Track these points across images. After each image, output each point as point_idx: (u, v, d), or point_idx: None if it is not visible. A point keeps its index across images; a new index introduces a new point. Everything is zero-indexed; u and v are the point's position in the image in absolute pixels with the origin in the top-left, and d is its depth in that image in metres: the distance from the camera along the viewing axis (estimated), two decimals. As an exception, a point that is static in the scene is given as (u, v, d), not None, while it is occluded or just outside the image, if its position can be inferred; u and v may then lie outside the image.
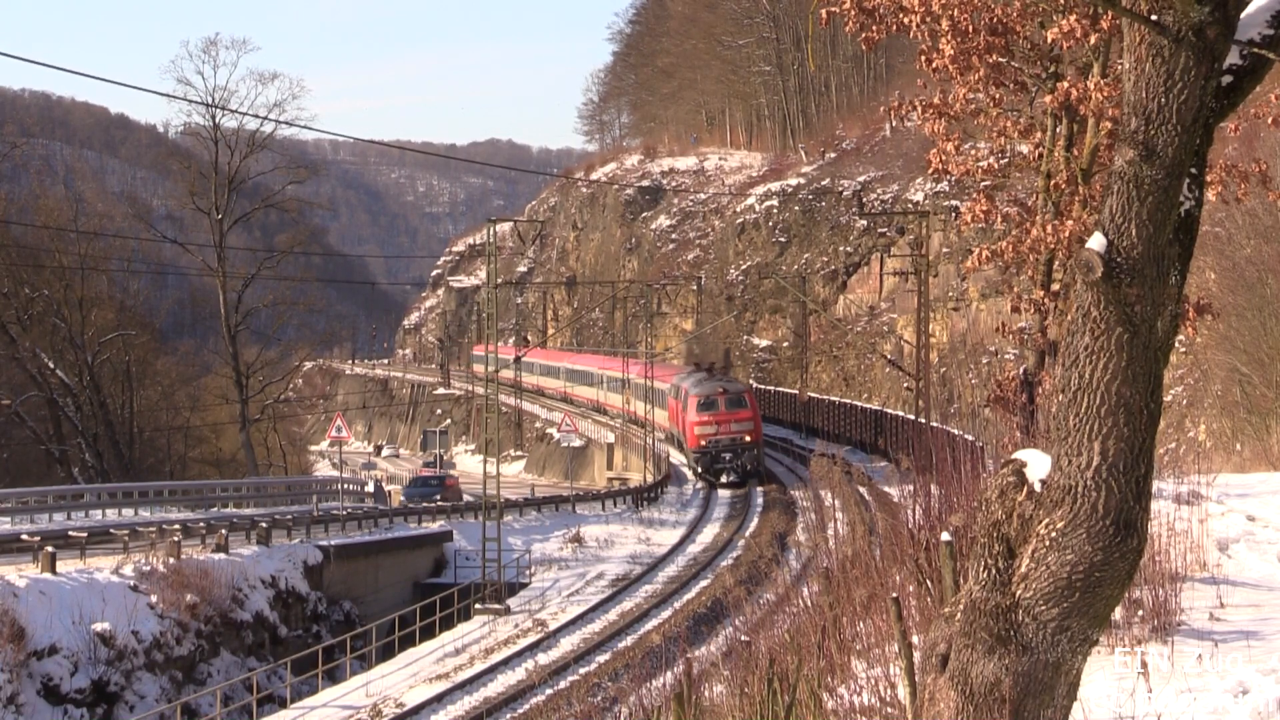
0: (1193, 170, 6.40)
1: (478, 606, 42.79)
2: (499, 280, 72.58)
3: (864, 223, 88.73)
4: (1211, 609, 12.15)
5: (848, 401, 74.62)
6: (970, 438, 17.16)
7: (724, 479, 63.95)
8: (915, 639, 9.27)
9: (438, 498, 63.67)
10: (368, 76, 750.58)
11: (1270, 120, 16.20)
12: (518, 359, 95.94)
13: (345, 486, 67.85)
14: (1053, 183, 18.06)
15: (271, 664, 37.96)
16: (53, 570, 33.54)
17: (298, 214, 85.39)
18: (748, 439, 63.99)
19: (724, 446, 64.09)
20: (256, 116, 72.67)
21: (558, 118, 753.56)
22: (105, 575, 34.98)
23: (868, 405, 71.38)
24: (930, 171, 18.04)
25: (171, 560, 37.30)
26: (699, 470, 66.18)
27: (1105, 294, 6.30)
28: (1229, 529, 15.79)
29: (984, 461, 14.37)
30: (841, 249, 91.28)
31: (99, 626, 32.93)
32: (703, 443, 64.93)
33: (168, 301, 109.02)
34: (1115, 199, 6.35)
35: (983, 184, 18.24)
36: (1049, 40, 16.02)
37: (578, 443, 78.39)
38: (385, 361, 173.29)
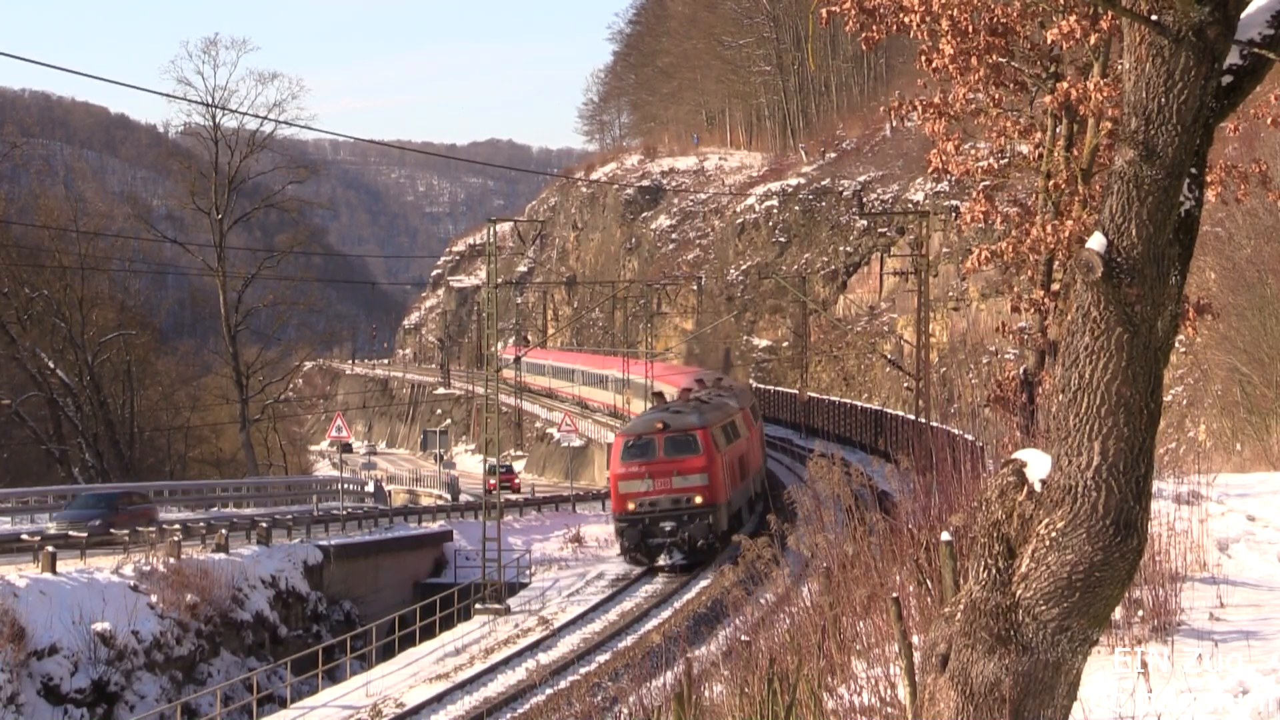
0: (1193, 170, 6.40)
1: (478, 606, 42.80)
2: (499, 280, 72.58)
3: (864, 223, 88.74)
4: (1211, 609, 12.15)
5: (848, 401, 74.58)
6: (970, 438, 17.15)
7: (662, 561, 43.35)
8: (915, 639, 9.27)
9: (97, 522, 41.65)
10: (368, 76, 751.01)
11: (1270, 120, 16.21)
12: (517, 359, 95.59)
13: (345, 486, 67.87)
14: (1053, 183, 18.07)
15: (271, 664, 37.98)
16: (53, 570, 33.55)
17: (298, 214, 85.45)
18: (698, 501, 42.81)
19: (662, 512, 42.96)
20: (256, 116, 72.80)
21: (558, 118, 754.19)
22: (105, 575, 35.00)
23: (868, 405, 71.34)
24: (930, 171, 18.05)
25: (171, 560, 37.32)
26: (626, 546, 44.24)
27: (1105, 294, 6.30)
28: (1229, 529, 15.78)
29: (984, 461, 14.37)
30: (841, 249, 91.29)
31: (99, 626, 32.94)
32: (630, 506, 43.17)
33: (168, 301, 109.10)
34: (1115, 199, 6.35)
35: (982, 184, 18.25)
36: (1049, 40, 16.03)
37: (578, 443, 78.36)
38: (385, 361, 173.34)
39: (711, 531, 42.88)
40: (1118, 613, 10.59)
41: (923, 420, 45.85)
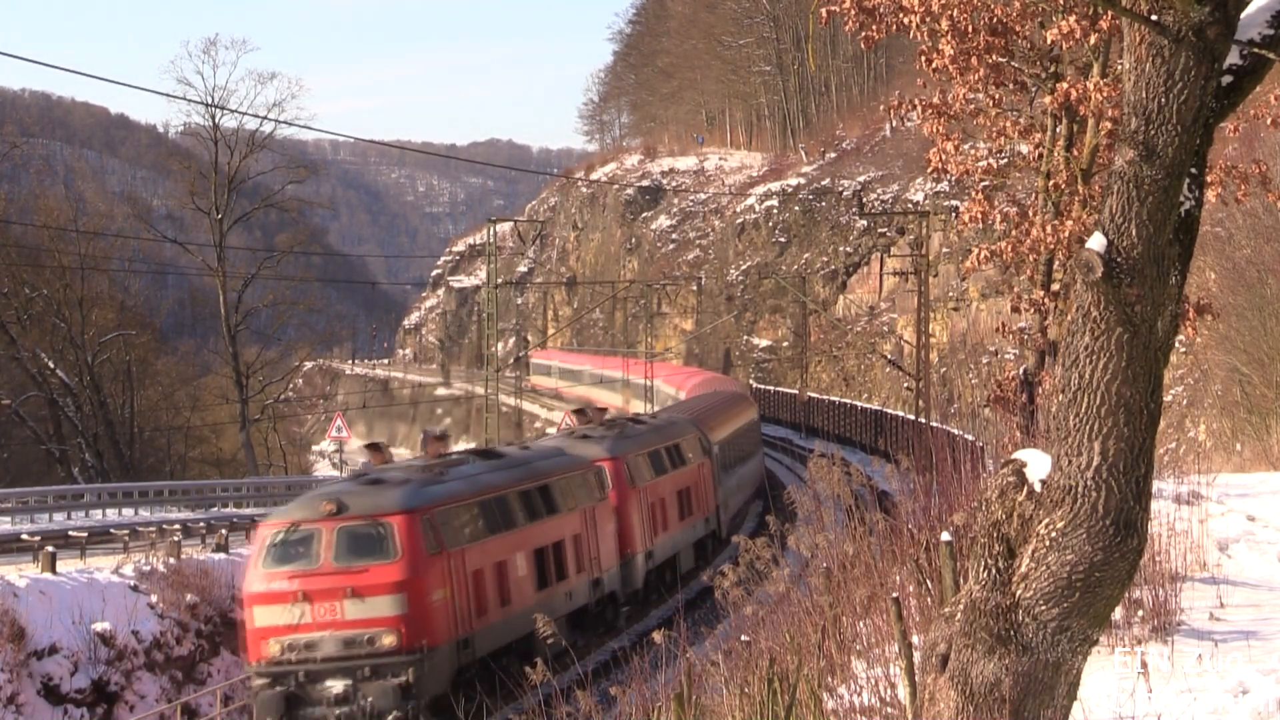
0: (1193, 170, 6.40)
1: (477, 606, 42.54)
2: (499, 280, 72.56)
3: (864, 223, 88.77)
4: (1211, 609, 12.15)
5: (848, 401, 74.63)
6: (970, 438, 17.16)
7: None
8: (915, 639, 9.27)
9: None
10: (368, 76, 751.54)
11: (1270, 120, 16.22)
12: (518, 358, 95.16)
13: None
14: (1053, 183, 18.07)
15: (271, 664, 37.92)
16: (53, 570, 33.54)
17: (298, 214, 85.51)
18: (388, 644, 24.05)
19: (325, 664, 24.28)
20: (256, 116, 72.79)
21: (558, 118, 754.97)
22: (105, 575, 34.97)
23: (868, 405, 71.38)
24: (930, 171, 18.05)
25: (171, 560, 37.31)
26: None
27: (1105, 294, 6.30)
28: (1229, 529, 15.80)
29: (984, 461, 14.38)
30: (841, 249, 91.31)
31: (99, 626, 32.92)
32: (272, 651, 24.69)
33: (168, 301, 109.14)
34: (1115, 199, 6.35)
35: (982, 184, 18.25)
36: (1049, 40, 16.04)
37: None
38: (385, 361, 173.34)
39: (410, 697, 23.89)
40: (1118, 613, 10.59)
41: (923, 420, 45.87)
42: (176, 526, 42.80)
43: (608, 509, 32.48)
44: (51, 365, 67.43)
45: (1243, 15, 6.27)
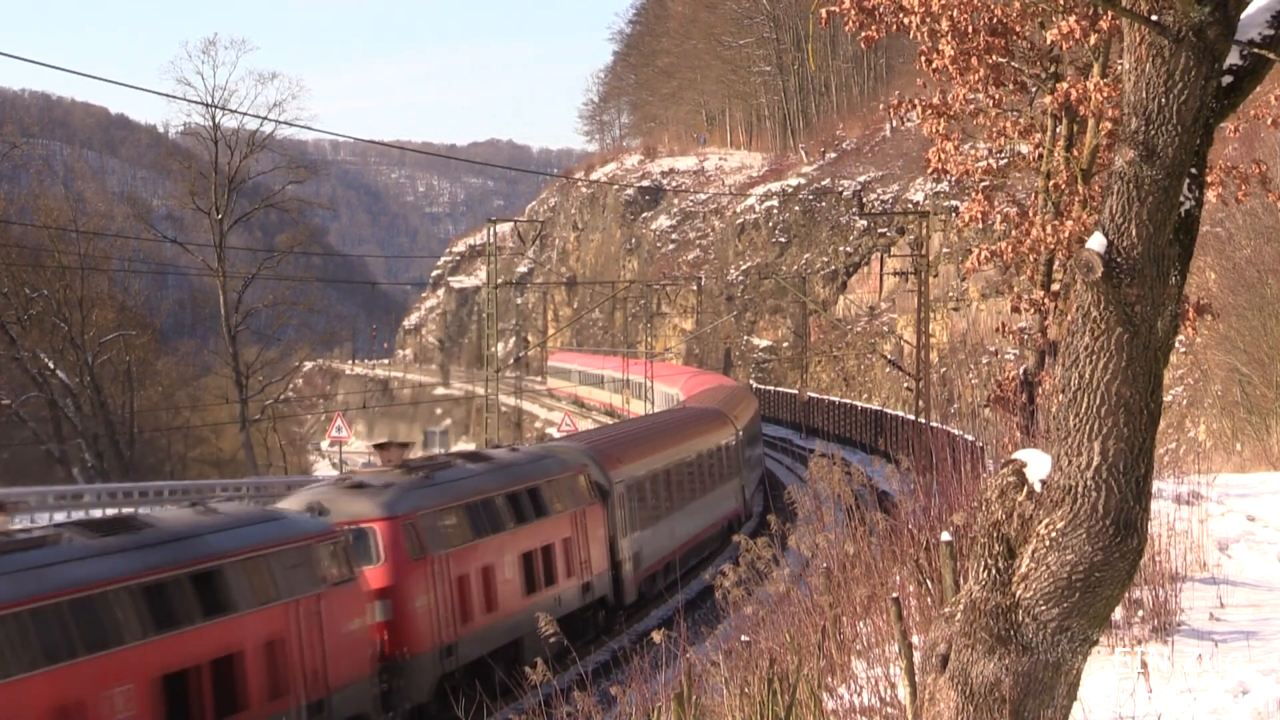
0: (1193, 170, 6.40)
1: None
2: (499, 280, 72.55)
3: (864, 223, 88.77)
4: (1211, 609, 12.16)
5: (848, 401, 74.61)
6: (970, 438, 17.16)
7: None
8: (915, 639, 9.27)
9: None
10: (368, 76, 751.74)
11: (1270, 120, 16.23)
12: (517, 359, 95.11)
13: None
14: (1053, 183, 18.07)
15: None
16: (53, 570, 33.54)
17: (298, 214, 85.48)
18: None
19: None
20: (256, 116, 72.76)
21: (558, 118, 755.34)
22: (105, 575, 34.96)
23: (868, 405, 71.36)
24: (930, 171, 18.06)
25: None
26: None
27: (1105, 294, 6.30)
28: (1229, 529, 15.80)
29: (984, 461, 14.38)
30: (841, 249, 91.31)
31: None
32: None
33: (168, 301, 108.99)
34: (1115, 199, 6.35)
35: (982, 184, 18.25)
36: (1049, 40, 16.04)
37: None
38: (385, 362, 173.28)
39: None
40: (1118, 613, 10.59)
41: (923, 420, 45.86)
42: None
43: (355, 595, 21.38)
44: (51, 365, 67.43)
45: (1243, 15, 6.28)
